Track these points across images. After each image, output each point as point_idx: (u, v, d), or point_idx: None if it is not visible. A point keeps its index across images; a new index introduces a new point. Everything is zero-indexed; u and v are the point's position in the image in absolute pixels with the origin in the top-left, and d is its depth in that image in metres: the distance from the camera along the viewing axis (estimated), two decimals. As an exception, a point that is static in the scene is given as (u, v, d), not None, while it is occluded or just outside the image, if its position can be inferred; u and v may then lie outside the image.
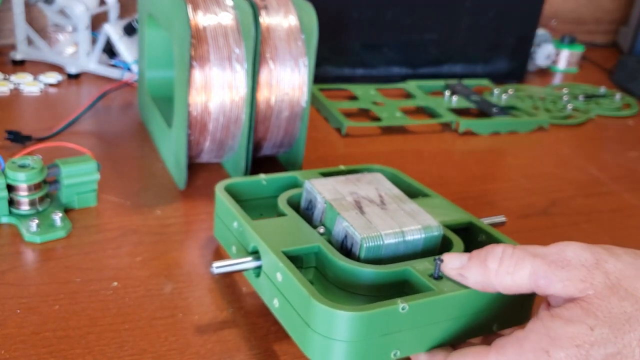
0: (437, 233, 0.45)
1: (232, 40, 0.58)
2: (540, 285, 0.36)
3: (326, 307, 0.37)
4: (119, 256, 0.51)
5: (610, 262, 0.35)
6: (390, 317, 0.37)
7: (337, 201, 0.46)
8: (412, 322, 0.38)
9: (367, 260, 0.43)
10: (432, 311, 0.38)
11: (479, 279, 0.38)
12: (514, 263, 0.37)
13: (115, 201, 0.58)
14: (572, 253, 0.36)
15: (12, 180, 0.52)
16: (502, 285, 0.37)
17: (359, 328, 0.37)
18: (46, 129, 0.69)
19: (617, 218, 0.65)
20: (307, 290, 0.38)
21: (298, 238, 0.45)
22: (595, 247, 0.37)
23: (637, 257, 0.36)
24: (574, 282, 0.35)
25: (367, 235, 0.43)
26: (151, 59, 0.72)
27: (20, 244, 0.51)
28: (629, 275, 0.35)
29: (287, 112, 0.61)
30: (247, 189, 0.53)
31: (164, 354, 0.41)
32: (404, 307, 0.37)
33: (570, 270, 0.35)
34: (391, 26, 0.93)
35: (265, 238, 0.44)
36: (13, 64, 0.88)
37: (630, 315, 0.34)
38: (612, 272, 0.35)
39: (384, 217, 0.45)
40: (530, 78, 1.07)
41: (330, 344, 0.37)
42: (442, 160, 0.74)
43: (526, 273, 0.36)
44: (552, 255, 0.36)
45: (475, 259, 0.38)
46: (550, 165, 0.76)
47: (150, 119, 0.71)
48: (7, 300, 0.45)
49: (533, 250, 0.37)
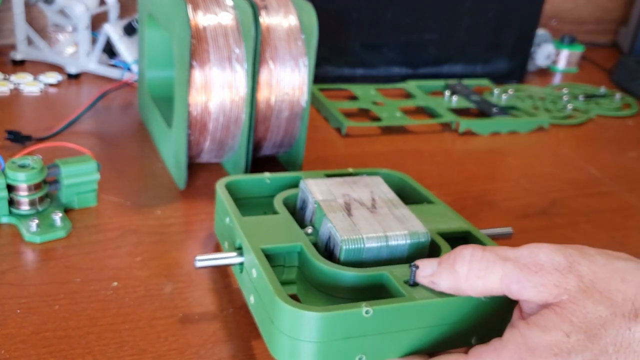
0: (424, 239, 0.44)
1: (232, 40, 0.58)
2: (512, 290, 0.35)
3: (288, 306, 0.36)
4: (119, 256, 0.51)
5: (583, 265, 0.35)
6: (353, 320, 0.36)
7: (327, 202, 0.46)
8: (378, 328, 0.37)
9: (347, 262, 0.42)
10: (400, 318, 0.37)
11: (450, 284, 0.37)
12: (484, 267, 0.36)
13: (115, 201, 0.58)
14: (544, 256, 0.35)
15: (12, 180, 0.52)
16: (472, 289, 0.36)
17: (321, 329, 0.36)
18: (46, 129, 0.69)
19: (617, 218, 0.65)
20: (274, 287, 0.38)
21: (282, 237, 0.44)
22: (568, 249, 0.36)
23: (610, 258, 0.36)
24: (548, 288, 0.34)
25: (348, 238, 0.42)
26: (151, 59, 0.72)
27: (20, 244, 0.51)
28: (602, 278, 0.34)
29: (287, 112, 0.61)
30: (250, 187, 0.53)
31: (164, 354, 0.41)
32: (368, 311, 0.36)
33: (543, 275, 0.35)
34: (391, 26, 0.93)
35: (248, 234, 0.44)
36: (13, 64, 0.88)
37: (606, 320, 0.33)
38: (585, 275, 0.34)
39: (371, 221, 0.44)
40: (530, 78, 1.07)
41: (293, 344, 0.37)
42: (442, 160, 0.74)
43: (497, 277, 0.35)
44: (524, 258, 0.35)
45: (445, 264, 0.37)
46: (550, 165, 0.76)
47: (150, 119, 0.71)
48: (7, 300, 0.45)
49: (504, 253, 0.36)
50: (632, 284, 0.34)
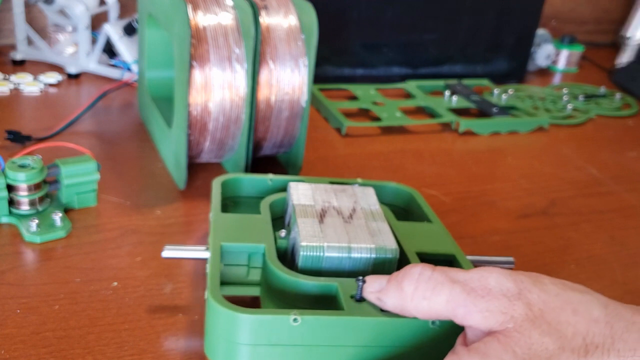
0: (392, 256, 0.43)
1: (232, 40, 0.58)
2: (457, 315, 0.34)
3: (218, 305, 0.36)
4: (119, 256, 0.51)
5: (534, 293, 0.33)
6: (281, 327, 0.36)
7: (303, 207, 0.45)
8: (307, 339, 0.36)
9: (305, 269, 0.42)
10: (331, 332, 0.36)
11: (395, 302, 0.36)
12: (431, 287, 0.34)
13: (115, 201, 0.58)
14: (494, 281, 0.34)
15: (12, 180, 0.52)
16: (417, 309, 0.35)
17: (248, 331, 0.36)
18: (46, 129, 0.69)
19: (617, 218, 0.65)
20: (210, 283, 0.38)
21: (249, 236, 0.44)
22: (520, 276, 0.34)
23: (564, 289, 0.34)
24: (494, 314, 0.33)
25: (308, 244, 0.41)
26: (151, 59, 0.72)
27: (20, 244, 0.51)
28: (553, 308, 0.33)
29: (287, 112, 0.61)
30: (252, 187, 0.53)
31: (164, 354, 0.41)
32: (296, 320, 0.36)
33: (490, 300, 0.33)
34: (391, 26, 0.93)
35: (216, 230, 0.44)
36: (13, 64, 0.88)
37: (552, 354, 0.31)
38: (535, 304, 0.33)
39: (340, 230, 0.43)
40: (530, 78, 1.07)
41: (222, 344, 0.37)
42: (442, 160, 0.74)
43: (443, 299, 0.34)
44: (473, 282, 0.34)
45: (393, 282, 0.36)
46: (550, 165, 0.76)
47: (150, 119, 0.71)
48: (7, 300, 0.45)
49: (453, 275, 0.35)
50: (584, 317, 0.32)
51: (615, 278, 0.55)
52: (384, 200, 0.54)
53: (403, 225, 0.48)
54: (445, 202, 0.64)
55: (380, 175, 0.68)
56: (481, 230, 0.60)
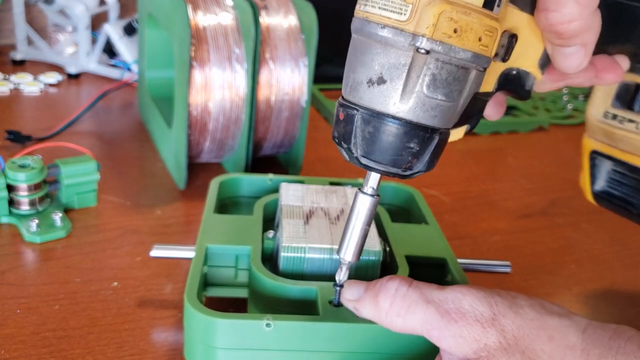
0: (375, 258, 0.42)
1: (232, 40, 0.58)
2: (432, 336, 0.33)
3: (192, 309, 0.36)
4: (119, 256, 0.51)
5: (508, 318, 0.32)
6: (255, 331, 0.35)
7: (291, 208, 0.45)
8: (282, 344, 0.36)
9: (286, 271, 0.41)
10: (306, 337, 0.36)
11: (371, 314, 0.35)
12: (406, 305, 0.34)
13: (115, 201, 0.58)
14: (467, 304, 0.33)
15: (12, 180, 0.52)
16: (392, 326, 0.34)
17: (223, 335, 0.35)
18: (46, 129, 0.69)
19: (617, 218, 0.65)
20: (189, 285, 0.38)
21: (238, 237, 0.43)
22: (496, 297, 0.33)
23: (541, 312, 0.33)
24: (467, 341, 0.32)
25: (289, 245, 0.41)
26: (151, 59, 0.72)
27: (20, 244, 0.51)
28: (527, 334, 0.32)
29: (287, 112, 0.61)
30: (252, 187, 0.53)
31: (164, 354, 0.41)
32: (269, 325, 0.35)
33: (463, 325, 0.32)
34: (391, 26, 0.93)
35: (205, 230, 0.43)
36: (13, 64, 0.88)
37: None
38: (509, 330, 0.32)
39: (324, 232, 0.43)
40: (530, 78, 1.06)
41: (198, 347, 0.37)
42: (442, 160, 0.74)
43: (418, 319, 0.33)
44: (447, 303, 0.33)
45: (369, 293, 0.35)
46: (550, 165, 0.76)
47: (150, 119, 0.71)
48: (7, 300, 0.45)
49: (429, 294, 0.34)
50: (560, 344, 0.31)
51: (615, 278, 0.55)
52: (385, 199, 0.54)
53: (397, 227, 0.47)
54: (445, 202, 0.64)
55: (380, 175, 0.68)
56: (481, 230, 0.60)
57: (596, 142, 0.45)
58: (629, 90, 0.42)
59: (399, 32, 0.29)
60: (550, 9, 0.29)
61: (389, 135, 0.31)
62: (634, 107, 0.42)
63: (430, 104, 0.30)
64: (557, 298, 0.51)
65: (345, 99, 0.32)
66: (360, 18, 0.31)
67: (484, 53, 0.30)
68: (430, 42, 0.29)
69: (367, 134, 0.31)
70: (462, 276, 0.42)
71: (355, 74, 0.31)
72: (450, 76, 0.30)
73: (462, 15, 0.28)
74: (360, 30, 0.31)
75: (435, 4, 0.28)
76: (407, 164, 0.32)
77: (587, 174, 0.47)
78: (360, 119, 0.31)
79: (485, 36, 0.29)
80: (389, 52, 0.30)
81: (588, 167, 0.47)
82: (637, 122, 0.42)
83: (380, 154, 0.31)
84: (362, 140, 0.31)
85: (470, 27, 0.29)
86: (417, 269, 0.43)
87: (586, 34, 0.31)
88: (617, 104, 0.43)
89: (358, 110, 0.31)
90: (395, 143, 0.31)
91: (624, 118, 0.42)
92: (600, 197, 0.47)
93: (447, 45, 0.29)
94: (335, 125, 0.33)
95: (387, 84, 0.30)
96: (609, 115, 0.43)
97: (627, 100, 0.42)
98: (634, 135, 0.42)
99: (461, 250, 0.54)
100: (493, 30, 0.30)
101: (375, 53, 0.30)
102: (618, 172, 0.45)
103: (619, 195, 0.46)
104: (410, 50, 0.29)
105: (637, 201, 0.44)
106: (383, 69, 0.30)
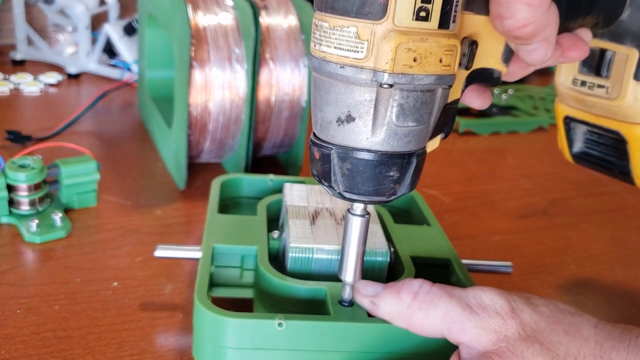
0: (382, 259, 0.42)
1: (232, 40, 0.58)
2: (452, 330, 0.34)
3: (203, 308, 0.36)
4: (119, 256, 0.51)
5: (526, 312, 0.34)
6: (266, 331, 0.35)
7: (296, 208, 0.45)
8: (293, 344, 0.36)
9: (294, 271, 0.41)
10: (318, 337, 0.36)
11: (391, 309, 0.35)
12: (429, 300, 0.34)
13: (115, 201, 0.58)
14: (487, 299, 0.34)
15: (12, 180, 0.52)
16: (411, 319, 0.35)
17: (233, 335, 0.35)
18: (46, 129, 0.69)
19: (617, 218, 0.65)
20: (198, 285, 0.37)
21: (243, 238, 0.43)
22: (512, 295, 0.35)
23: (555, 310, 0.34)
24: (488, 332, 0.33)
25: (297, 246, 0.41)
26: (151, 59, 0.72)
27: (20, 244, 0.51)
28: (545, 328, 0.33)
29: (287, 112, 0.61)
30: (252, 187, 0.53)
31: (164, 354, 0.41)
32: (281, 324, 0.35)
33: (484, 317, 0.33)
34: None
35: (211, 231, 0.43)
36: (13, 64, 0.88)
37: None
38: (527, 323, 0.33)
39: (330, 232, 0.43)
40: (530, 78, 1.06)
41: (207, 346, 0.36)
42: (442, 160, 0.74)
43: (440, 313, 0.34)
44: (469, 299, 0.34)
45: (391, 290, 0.36)
46: (550, 165, 0.76)
47: (150, 119, 0.71)
48: (7, 300, 0.45)
49: (451, 290, 0.35)
50: (576, 337, 0.33)
51: (615, 278, 0.55)
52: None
53: (400, 229, 0.47)
54: (445, 202, 0.64)
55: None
56: (481, 230, 0.60)
57: (568, 108, 0.45)
58: (594, 56, 0.41)
59: (359, 69, 0.29)
60: (504, 16, 0.29)
61: (367, 168, 0.31)
62: (602, 72, 0.41)
63: (403, 132, 0.30)
64: (557, 298, 0.51)
65: (318, 137, 0.32)
66: (317, 58, 0.30)
67: (447, 72, 0.30)
68: (392, 76, 0.28)
69: (345, 171, 0.31)
70: (467, 277, 0.43)
71: (323, 113, 0.31)
72: (418, 102, 0.30)
73: (420, 42, 0.28)
74: (320, 70, 0.30)
75: (391, 38, 0.28)
76: (390, 190, 0.32)
77: (564, 138, 0.47)
78: (336, 157, 0.31)
79: (446, 56, 0.29)
80: (352, 90, 0.30)
81: (564, 132, 0.46)
82: (606, 87, 0.41)
83: (362, 187, 0.31)
84: (342, 177, 0.31)
85: (430, 52, 0.29)
86: (421, 270, 0.43)
87: (545, 31, 0.30)
88: (584, 70, 0.42)
89: (332, 148, 0.31)
90: (375, 175, 0.31)
91: (593, 84, 0.42)
92: (580, 158, 0.47)
93: (410, 75, 0.29)
94: (312, 164, 0.33)
95: (356, 121, 0.30)
96: (577, 82, 0.43)
97: (594, 65, 0.42)
98: (605, 101, 0.41)
99: (461, 250, 0.54)
100: (453, 48, 0.29)
101: (339, 92, 0.30)
102: (594, 133, 0.45)
103: (597, 155, 0.45)
104: (374, 85, 0.29)
105: (616, 159, 0.44)
106: (350, 107, 0.30)
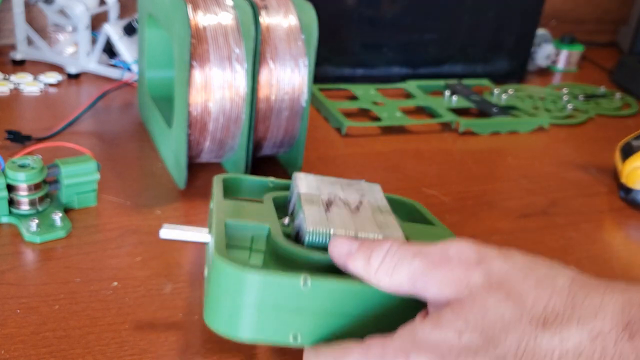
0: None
1: (232, 40, 0.58)
2: (417, 288, 0.33)
3: (222, 262, 0.35)
4: (119, 256, 0.51)
5: (496, 262, 0.32)
6: (289, 289, 0.35)
7: (309, 196, 0.44)
8: (315, 304, 0.35)
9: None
10: (342, 299, 0.35)
11: (361, 273, 0.35)
12: (394, 264, 0.33)
13: (115, 201, 0.58)
14: (454, 250, 0.33)
15: (12, 180, 0.52)
16: (381, 284, 0.34)
17: (254, 292, 0.34)
18: (46, 129, 0.69)
19: (617, 218, 0.65)
20: (217, 239, 0.37)
21: (254, 218, 0.43)
22: (487, 248, 0.33)
23: (534, 262, 0.32)
24: (449, 283, 0.32)
25: (314, 230, 0.40)
26: (151, 59, 0.72)
27: (20, 244, 0.51)
28: (514, 278, 0.31)
29: (287, 112, 0.61)
30: (252, 188, 0.53)
31: (164, 354, 0.41)
32: (306, 283, 0.35)
33: (447, 270, 0.32)
34: (391, 26, 0.93)
35: (219, 211, 0.42)
36: (13, 64, 0.88)
37: (509, 323, 0.30)
38: (495, 273, 0.31)
39: (346, 220, 0.42)
40: (530, 78, 1.06)
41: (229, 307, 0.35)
42: (442, 160, 0.74)
43: (404, 276, 0.33)
44: (434, 254, 0.33)
45: (362, 253, 0.35)
46: (550, 165, 0.76)
47: (150, 119, 0.71)
48: (7, 300, 0.45)
49: (417, 248, 0.34)
50: (547, 287, 0.31)
51: (615, 278, 0.55)
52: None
53: (409, 227, 0.48)
54: (445, 202, 0.64)
55: (381, 175, 0.68)
56: (481, 230, 0.60)
57: None
58: None
59: None
60: None
61: None
62: None
63: None
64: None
65: None
66: None
67: None
68: None
69: None
70: None
71: None
72: None
73: None
74: None
75: None
76: None
77: None
78: None
79: None
80: None
81: None
82: None
83: None
84: None
85: None
86: None
87: None
88: None
89: None
90: None
91: None
92: None
93: None
94: None
95: None
96: None
97: None
98: None
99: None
100: None
101: None
102: None
103: None
104: None
105: None
106: None
